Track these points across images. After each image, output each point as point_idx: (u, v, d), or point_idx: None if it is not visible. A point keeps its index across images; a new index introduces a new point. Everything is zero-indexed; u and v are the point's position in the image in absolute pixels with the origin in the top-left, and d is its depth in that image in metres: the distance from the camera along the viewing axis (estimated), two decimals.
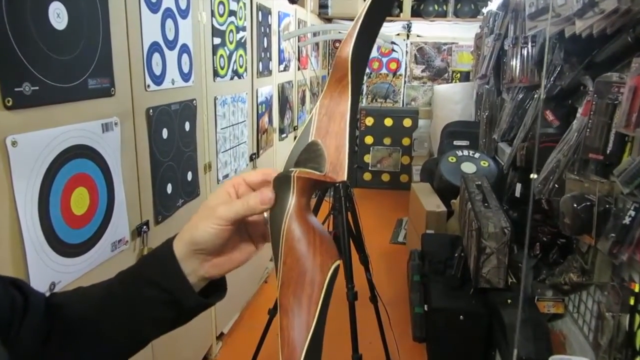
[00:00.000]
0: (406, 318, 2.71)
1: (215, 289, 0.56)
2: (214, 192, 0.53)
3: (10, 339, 0.48)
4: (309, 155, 0.47)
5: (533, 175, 1.79)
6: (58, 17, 1.12)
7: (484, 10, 3.91)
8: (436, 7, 5.03)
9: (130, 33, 1.42)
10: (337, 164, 0.46)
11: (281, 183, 0.47)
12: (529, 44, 2.53)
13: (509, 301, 2.08)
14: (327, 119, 0.48)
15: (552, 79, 2.22)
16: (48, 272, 1.14)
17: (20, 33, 1.01)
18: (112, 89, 1.34)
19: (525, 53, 2.56)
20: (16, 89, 1.01)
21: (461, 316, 2.19)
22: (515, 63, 2.68)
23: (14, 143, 1.02)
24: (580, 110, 1.95)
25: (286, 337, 0.43)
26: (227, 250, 0.54)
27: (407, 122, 5.18)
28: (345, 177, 0.46)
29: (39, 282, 1.10)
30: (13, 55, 1.00)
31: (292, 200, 0.46)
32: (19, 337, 0.49)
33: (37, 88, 1.07)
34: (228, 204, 0.50)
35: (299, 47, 3.63)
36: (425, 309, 2.46)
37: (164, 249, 0.53)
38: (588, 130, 1.66)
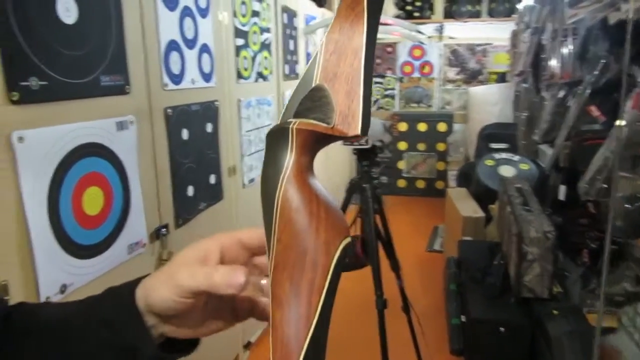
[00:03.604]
0: (442, 330, 2.56)
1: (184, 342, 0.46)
2: (192, 245, 0.43)
3: None
4: (311, 103, 0.36)
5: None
6: (67, 10, 1.09)
7: (519, 6, 3.75)
8: (469, 7, 4.88)
9: (146, 30, 1.39)
10: (348, 114, 0.35)
11: (276, 137, 0.36)
12: (570, 36, 2.37)
13: (555, 312, 1.92)
14: (336, 57, 0.36)
15: (596, 71, 2.07)
16: (59, 274, 1.09)
17: (25, 26, 0.98)
18: (127, 86, 1.31)
19: (565, 46, 2.41)
20: (22, 83, 0.98)
21: (502, 328, 2.04)
22: (555, 58, 2.53)
23: (20, 139, 0.98)
24: (629, 103, 1.79)
25: (279, 335, 0.34)
26: (190, 320, 0.44)
27: (441, 127, 5.03)
28: (358, 130, 0.35)
29: (49, 284, 1.06)
30: (18, 48, 0.97)
31: (290, 159, 0.36)
32: None
33: (45, 83, 1.03)
34: (193, 271, 0.40)
35: None
36: (463, 319, 2.32)
37: (126, 295, 0.43)
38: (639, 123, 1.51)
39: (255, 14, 2.20)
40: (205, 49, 1.74)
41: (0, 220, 0.95)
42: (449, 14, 4.97)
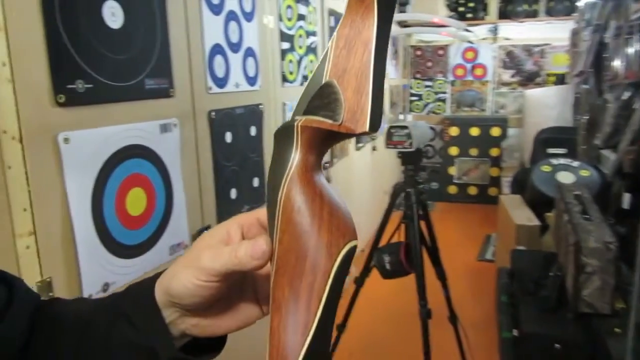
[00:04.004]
0: (492, 343, 2.45)
1: (210, 343, 0.44)
2: (213, 228, 0.42)
3: None
4: (321, 100, 0.35)
5: None
6: (113, 15, 1.12)
7: (580, 3, 3.55)
8: (526, 6, 4.69)
9: (191, 34, 1.41)
10: (357, 110, 0.33)
11: (282, 135, 0.36)
12: (635, 33, 2.21)
13: (617, 330, 1.78)
14: (346, 52, 0.35)
15: None
16: (101, 272, 1.12)
17: (73, 30, 1.01)
18: (171, 89, 1.33)
19: (630, 44, 2.24)
20: (69, 86, 1.01)
21: (557, 345, 1.92)
22: (619, 57, 2.36)
23: (66, 140, 1.01)
24: None
25: (276, 342, 0.33)
26: (215, 310, 0.42)
27: (495, 131, 4.85)
28: (367, 127, 0.33)
29: (92, 282, 1.09)
30: (65, 52, 1.00)
31: (294, 158, 0.34)
32: None
33: (91, 86, 1.06)
34: (217, 251, 0.39)
35: None
36: (515, 334, 2.20)
37: (145, 289, 0.42)
38: None
39: (301, 17, 2.19)
40: (250, 52, 1.75)
41: (46, 219, 0.98)
42: (503, 14, 4.79)
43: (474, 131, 4.93)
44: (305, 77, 2.26)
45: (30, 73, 0.93)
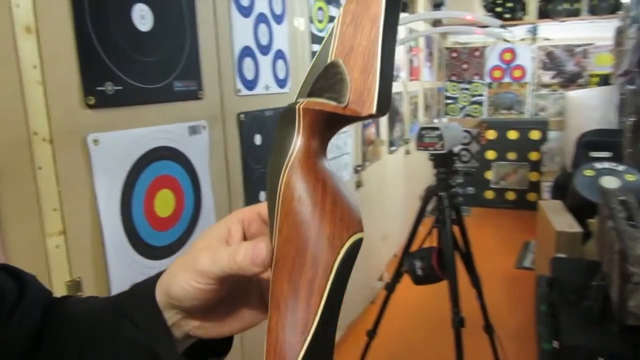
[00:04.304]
0: (531, 355, 2.34)
1: (217, 344, 0.43)
2: (214, 225, 0.40)
3: None
4: (326, 82, 0.33)
5: None
6: (142, 18, 1.13)
7: (625, 1, 3.39)
8: (567, 5, 4.52)
9: (220, 37, 1.41)
10: (363, 91, 0.31)
11: (284, 119, 0.33)
12: None
13: None
14: (353, 29, 0.32)
15: None
16: (129, 273, 1.12)
17: (102, 33, 1.02)
18: (200, 92, 1.33)
19: None
20: (98, 88, 1.02)
21: (601, 358, 1.82)
22: None
23: (95, 141, 1.02)
24: None
25: (273, 340, 0.31)
26: (218, 312, 0.40)
27: (534, 135, 4.70)
28: (373, 109, 0.30)
29: (120, 282, 1.09)
30: (95, 54, 1.01)
31: (296, 143, 0.32)
32: (5, 330, 0.42)
33: (120, 88, 1.07)
34: (216, 253, 0.36)
35: (409, 57, 3.47)
36: (555, 345, 2.10)
37: (146, 289, 0.40)
38: None
39: (333, 19, 2.17)
40: (280, 55, 1.74)
41: (75, 219, 0.99)
42: (543, 14, 4.64)
43: (512, 134, 4.78)
44: None
45: (61, 75, 0.95)
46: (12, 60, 0.86)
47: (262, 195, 1.67)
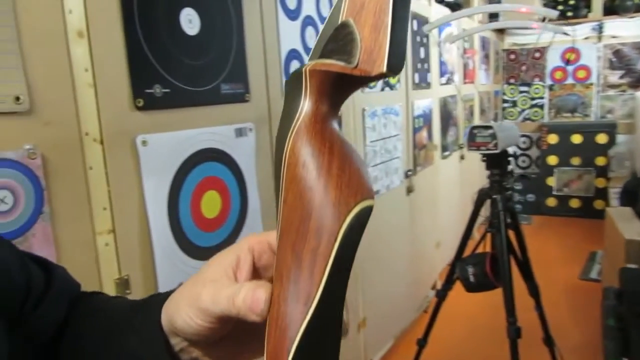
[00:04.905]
0: None
1: None
2: (224, 251, 0.37)
3: (21, 317, 0.42)
4: (336, 43, 0.31)
5: None
6: (190, 22, 1.15)
7: None
8: (637, 0, 4.24)
9: (267, 40, 1.42)
10: (373, 49, 0.29)
11: (292, 84, 0.31)
12: None
13: None
14: None
15: None
16: (176, 272, 1.14)
17: (151, 37, 1.05)
18: (247, 94, 1.34)
19: None
20: (147, 91, 1.05)
21: None
22: None
23: (144, 143, 1.05)
24: None
25: (275, 313, 0.29)
26: (225, 344, 0.38)
27: (601, 138, 4.42)
28: (383, 68, 0.28)
29: (167, 282, 1.11)
30: (144, 57, 1.04)
31: (303, 107, 0.30)
32: (31, 319, 0.42)
33: (168, 90, 1.10)
34: (218, 292, 0.34)
35: (464, 59, 3.38)
36: None
37: (154, 311, 0.39)
38: None
39: None
40: None
41: (124, 218, 1.02)
42: (609, 10, 4.38)
43: (576, 138, 4.53)
44: (385, 83, 2.21)
45: (111, 78, 0.98)
46: (65, 63, 0.90)
47: None
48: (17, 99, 0.82)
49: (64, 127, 0.91)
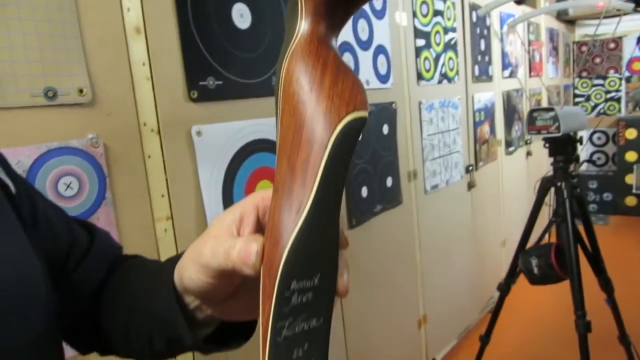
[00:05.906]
0: None
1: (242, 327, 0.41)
2: (230, 208, 0.37)
3: (65, 274, 0.45)
4: None
5: None
6: (241, 17, 1.19)
7: None
8: None
9: None
10: None
11: (290, 9, 0.31)
12: None
13: None
14: None
15: None
16: None
17: (204, 31, 1.09)
18: None
19: None
20: (201, 83, 1.09)
21: None
22: None
23: (198, 133, 1.09)
24: None
25: (270, 225, 0.29)
26: (236, 299, 0.38)
27: None
28: None
29: None
30: (198, 51, 1.08)
31: (299, 28, 0.30)
32: (74, 276, 0.45)
33: (221, 82, 1.14)
34: (216, 246, 0.34)
35: (529, 51, 3.23)
36: None
37: (168, 269, 0.40)
38: None
39: (438, 13, 2.10)
40: (380, 50, 1.72)
41: (181, 205, 1.07)
42: None
43: None
44: (443, 75, 2.16)
45: (167, 71, 1.03)
46: (124, 58, 0.96)
47: (364, 191, 1.65)
48: (81, 91, 0.89)
49: (124, 118, 0.96)
